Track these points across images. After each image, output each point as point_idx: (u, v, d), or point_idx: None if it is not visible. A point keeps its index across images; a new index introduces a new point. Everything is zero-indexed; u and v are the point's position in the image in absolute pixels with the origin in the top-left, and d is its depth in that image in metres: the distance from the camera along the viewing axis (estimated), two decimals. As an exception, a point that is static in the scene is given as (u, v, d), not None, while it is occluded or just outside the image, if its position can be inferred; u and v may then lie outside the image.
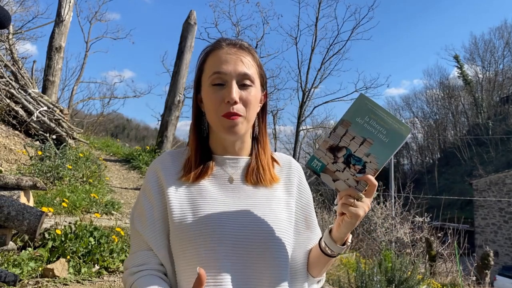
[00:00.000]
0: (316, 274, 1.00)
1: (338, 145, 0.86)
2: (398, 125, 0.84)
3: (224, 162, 1.00)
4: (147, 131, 46.01)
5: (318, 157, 0.88)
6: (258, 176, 0.98)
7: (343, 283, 4.08)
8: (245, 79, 0.94)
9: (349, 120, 0.86)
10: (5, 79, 6.04)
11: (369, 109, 0.85)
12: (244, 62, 0.95)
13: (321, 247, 0.95)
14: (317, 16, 18.71)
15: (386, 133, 0.84)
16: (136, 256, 0.94)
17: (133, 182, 7.07)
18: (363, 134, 0.85)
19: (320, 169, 0.88)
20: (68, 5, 7.99)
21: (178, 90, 8.98)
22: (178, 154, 1.03)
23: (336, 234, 0.91)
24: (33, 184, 3.01)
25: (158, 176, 0.98)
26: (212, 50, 0.98)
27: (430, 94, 49.19)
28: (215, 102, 0.93)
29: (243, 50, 0.98)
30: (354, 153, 0.86)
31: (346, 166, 0.86)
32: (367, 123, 0.85)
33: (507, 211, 21.94)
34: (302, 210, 1.03)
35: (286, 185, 1.03)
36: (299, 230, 1.01)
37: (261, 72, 1.01)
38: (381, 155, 0.84)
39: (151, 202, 0.96)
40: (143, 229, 0.94)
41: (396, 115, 1.13)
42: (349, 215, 0.86)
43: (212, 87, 0.94)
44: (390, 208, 9.57)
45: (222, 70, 0.93)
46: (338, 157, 0.87)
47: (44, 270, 2.75)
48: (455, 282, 7.28)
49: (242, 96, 0.93)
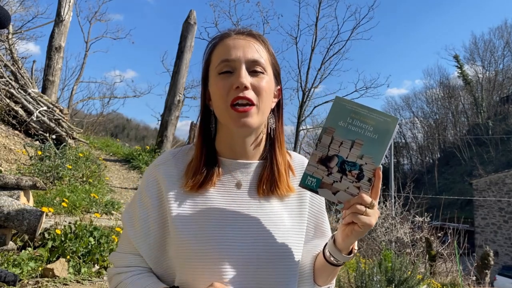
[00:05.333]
0: (322, 283, 0.94)
1: (328, 154, 0.81)
2: (383, 117, 0.80)
3: (233, 167, 0.91)
4: (147, 131, 46.06)
5: (311, 173, 0.82)
6: (272, 187, 0.90)
7: (343, 283, 4.08)
8: (256, 65, 0.86)
9: (332, 126, 0.81)
10: (5, 79, 6.04)
11: (349, 109, 0.81)
12: (255, 48, 0.87)
13: (325, 256, 0.88)
14: (317, 16, 18.67)
15: (373, 130, 0.79)
16: (124, 257, 0.91)
17: (133, 182, 7.07)
18: (350, 137, 0.80)
19: (316, 185, 0.82)
20: (68, 5, 7.98)
21: (178, 90, 8.98)
22: (182, 154, 0.94)
23: (342, 244, 0.84)
24: (33, 184, 3.01)
25: (158, 184, 0.90)
26: (220, 40, 0.90)
27: (430, 94, 49.26)
28: (222, 89, 0.84)
29: (252, 37, 0.90)
30: (347, 159, 0.80)
31: (343, 175, 0.80)
32: (351, 124, 0.80)
33: (507, 211, 21.94)
34: (313, 217, 0.97)
35: (299, 191, 0.94)
36: (308, 239, 0.95)
37: (274, 61, 0.92)
38: (374, 153, 0.79)
39: (147, 211, 0.89)
40: (135, 238, 0.89)
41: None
42: (361, 224, 0.78)
43: (219, 76, 0.86)
44: (390, 208, 9.56)
45: (230, 56, 0.85)
46: (331, 167, 0.81)
47: (44, 270, 2.75)
48: (455, 282, 7.28)
49: (254, 82, 0.85)
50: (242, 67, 0.84)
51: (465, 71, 47.00)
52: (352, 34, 18.61)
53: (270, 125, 0.93)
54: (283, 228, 0.88)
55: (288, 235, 0.88)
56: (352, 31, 18.63)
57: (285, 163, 0.94)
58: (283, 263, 0.85)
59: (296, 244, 0.89)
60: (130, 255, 0.91)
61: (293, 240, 0.89)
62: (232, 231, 0.84)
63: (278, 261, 0.85)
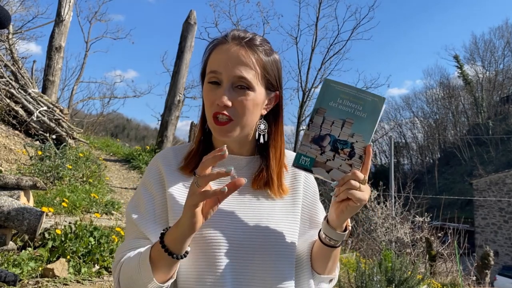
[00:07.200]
0: (321, 270, 0.95)
1: (320, 134, 0.84)
2: (372, 97, 0.84)
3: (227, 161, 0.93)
4: (147, 131, 46.06)
5: (304, 152, 0.85)
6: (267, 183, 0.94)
7: (343, 283, 4.08)
8: (242, 81, 0.87)
9: (323, 107, 0.85)
10: (5, 79, 6.04)
11: (338, 90, 0.84)
12: (245, 63, 0.87)
13: (321, 238, 0.90)
14: (317, 16, 18.69)
15: (363, 109, 0.83)
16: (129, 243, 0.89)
17: (133, 182, 7.07)
18: (341, 116, 0.84)
19: (310, 164, 0.85)
20: (68, 5, 7.98)
21: (178, 90, 8.98)
22: (181, 149, 1.00)
23: (336, 221, 0.86)
24: (33, 184, 3.01)
25: (159, 169, 0.95)
26: (218, 44, 0.92)
27: (430, 94, 49.23)
28: (207, 100, 0.89)
29: (247, 48, 0.89)
30: (339, 138, 0.84)
31: (335, 153, 0.84)
32: (341, 104, 0.84)
33: (507, 211, 21.94)
34: (307, 209, 1.00)
35: (292, 184, 0.99)
36: (304, 231, 0.98)
37: (267, 73, 0.92)
38: (364, 131, 0.83)
39: (152, 194, 0.92)
40: (139, 219, 0.89)
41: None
42: (355, 199, 0.81)
43: (208, 85, 0.90)
44: (390, 208, 9.57)
45: (218, 69, 0.87)
46: (324, 146, 0.84)
47: (44, 270, 2.75)
48: (455, 282, 7.28)
49: (236, 99, 0.87)
50: (227, 83, 0.87)
51: (465, 71, 46.98)
52: (352, 34, 18.67)
53: (260, 131, 0.94)
54: (276, 217, 0.91)
55: (281, 224, 0.91)
56: (352, 31, 18.68)
57: (280, 166, 0.96)
58: (278, 250, 0.88)
59: (291, 233, 0.92)
60: (134, 240, 0.89)
61: (287, 229, 0.91)
62: (226, 217, 0.88)
63: (273, 249, 0.87)
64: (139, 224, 0.89)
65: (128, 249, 0.89)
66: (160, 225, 0.88)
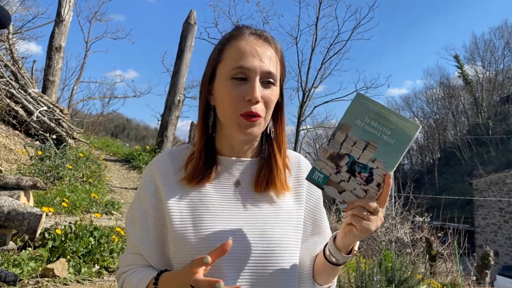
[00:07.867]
0: (322, 282, 0.93)
1: (339, 152, 0.78)
2: (404, 122, 0.75)
3: (231, 165, 0.92)
4: (147, 131, 46.06)
5: (319, 168, 0.80)
6: (269, 184, 0.90)
7: (343, 283, 4.08)
8: (270, 77, 0.85)
9: (348, 124, 0.78)
10: (5, 79, 6.04)
11: (368, 109, 0.77)
12: (270, 58, 0.86)
13: (325, 255, 0.87)
14: (317, 16, 18.66)
15: (391, 134, 0.75)
16: (128, 257, 0.93)
17: (133, 182, 7.07)
18: (365, 138, 0.76)
19: (323, 182, 0.79)
20: (68, 5, 7.98)
21: (178, 90, 8.99)
22: (178, 153, 0.96)
23: (341, 242, 0.83)
24: (33, 184, 3.01)
25: (155, 181, 0.91)
26: (233, 38, 0.87)
27: (430, 94, 49.26)
28: (234, 98, 0.83)
29: (268, 43, 0.87)
30: (358, 160, 0.77)
31: (351, 175, 0.77)
32: (368, 124, 0.76)
33: (507, 211, 21.93)
34: (310, 213, 0.97)
35: (296, 188, 0.95)
36: (306, 236, 0.94)
37: (283, 68, 0.92)
38: (388, 158, 0.75)
39: (146, 209, 0.90)
40: (135, 236, 0.90)
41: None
42: (359, 228, 0.76)
43: (231, 81, 0.84)
44: (390, 208, 9.56)
45: (246, 64, 0.83)
46: (340, 166, 0.78)
47: (44, 270, 2.75)
48: (455, 282, 7.28)
49: (265, 95, 0.84)
50: (256, 78, 0.83)
51: (465, 71, 46.97)
52: (352, 34, 18.62)
53: (269, 127, 0.93)
54: (279, 224, 0.88)
55: (284, 230, 0.88)
56: (352, 31, 18.63)
57: (283, 161, 0.94)
58: (280, 258, 0.85)
59: (293, 240, 0.89)
60: (132, 255, 0.92)
61: (289, 235, 0.89)
62: (227, 225, 0.85)
63: (275, 256, 0.85)
64: (134, 240, 0.91)
65: (128, 264, 0.92)
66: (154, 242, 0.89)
